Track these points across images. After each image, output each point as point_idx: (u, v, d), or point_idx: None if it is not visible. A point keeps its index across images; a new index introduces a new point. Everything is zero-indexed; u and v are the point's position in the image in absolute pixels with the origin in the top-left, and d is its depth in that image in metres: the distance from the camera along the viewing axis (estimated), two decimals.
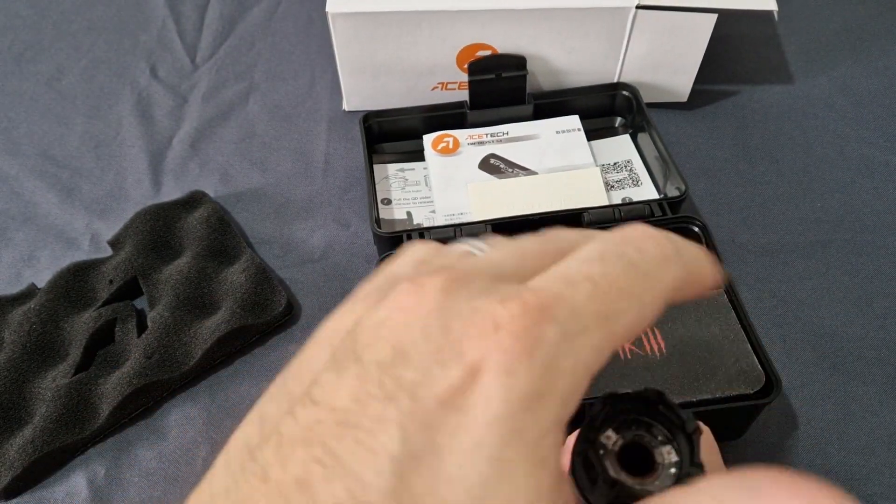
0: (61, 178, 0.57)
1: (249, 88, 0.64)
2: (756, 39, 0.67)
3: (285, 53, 0.68)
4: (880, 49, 0.66)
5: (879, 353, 0.45)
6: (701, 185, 0.55)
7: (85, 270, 0.49)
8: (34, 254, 0.53)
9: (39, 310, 0.46)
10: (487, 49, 0.56)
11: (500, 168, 0.54)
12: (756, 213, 0.53)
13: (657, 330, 0.41)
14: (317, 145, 0.59)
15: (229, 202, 0.55)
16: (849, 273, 0.49)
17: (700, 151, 0.58)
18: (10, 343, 0.45)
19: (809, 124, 0.60)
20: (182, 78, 0.66)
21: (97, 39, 0.70)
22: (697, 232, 0.47)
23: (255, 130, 0.61)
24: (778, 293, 0.48)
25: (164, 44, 0.69)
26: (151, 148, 0.60)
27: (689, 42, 0.56)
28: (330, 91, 0.64)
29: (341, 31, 0.54)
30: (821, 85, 0.63)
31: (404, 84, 0.58)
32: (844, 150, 0.58)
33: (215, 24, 0.71)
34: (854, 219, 0.53)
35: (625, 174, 0.54)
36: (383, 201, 0.53)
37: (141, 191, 0.56)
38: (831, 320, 0.47)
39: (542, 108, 0.57)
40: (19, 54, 0.68)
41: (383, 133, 0.57)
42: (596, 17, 0.54)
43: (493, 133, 0.56)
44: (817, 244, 0.51)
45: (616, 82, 0.58)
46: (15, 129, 0.62)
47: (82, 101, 0.64)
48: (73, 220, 0.55)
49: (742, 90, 0.63)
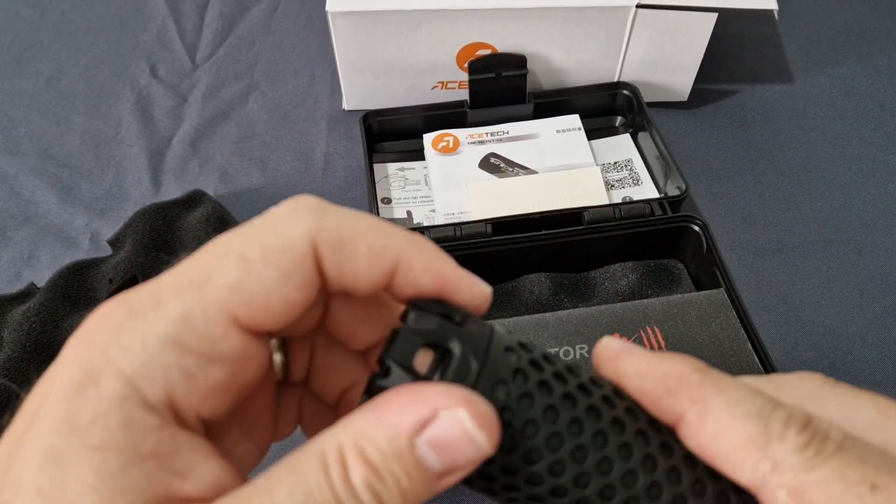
0: (61, 178, 0.57)
1: (249, 88, 0.64)
2: (756, 39, 0.67)
3: (285, 53, 0.68)
4: (880, 49, 0.66)
5: (879, 353, 0.45)
6: (701, 184, 0.55)
7: (85, 270, 0.49)
8: (34, 253, 0.53)
9: (39, 309, 0.46)
10: (487, 48, 0.55)
11: (500, 167, 0.54)
12: (756, 213, 0.53)
13: (657, 329, 0.41)
14: (317, 144, 0.59)
15: (229, 201, 0.55)
16: (849, 273, 0.49)
17: (700, 151, 0.58)
18: (9, 342, 0.45)
19: (810, 124, 0.60)
20: (182, 77, 0.66)
21: (97, 39, 0.70)
22: (698, 231, 0.47)
23: (254, 130, 0.61)
24: (778, 293, 0.48)
25: (164, 43, 0.69)
26: (151, 147, 0.60)
27: (690, 41, 0.56)
28: (330, 90, 0.63)
29: (341, 30, 0.54)
30: (821, 84, 0.63)
31: (404, 83, 0.58)
32: (845, 149, 0.58)
33: (215, 23, 0.71)
34: (854, 219, 0.53)
35: (625, 173, 0.54)
36: (383, 200, 0.53)
37: (141, 190, 0.56)
38: (831, 320, 0.47)
39: (543, 107, 0.57)
40: (19, 54, 0.68)
41: (383, 132, 0.57)
42: (596, 16, 0.54)
43: (494, 132, 0.56)
44: (817, 244, 0.51)
45: (616, 81, 0.58)
46: (15, 128, 0.62)
47: (82, 100, 0.64)
48: (73, 220, 0.54)
49: (742, 89, 0.63)
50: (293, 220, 0.16)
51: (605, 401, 0.17)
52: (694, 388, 0.17)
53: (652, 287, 0.47)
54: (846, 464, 0.15)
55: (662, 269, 0.49)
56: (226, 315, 0.15)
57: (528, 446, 0.16)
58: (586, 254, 0.48)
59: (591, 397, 0.17)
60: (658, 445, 0.17)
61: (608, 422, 0.17)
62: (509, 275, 0.48)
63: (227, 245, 0.16)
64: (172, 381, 0.15)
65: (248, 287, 0.15)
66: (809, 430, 0.16)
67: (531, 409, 0.16)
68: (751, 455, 0.16)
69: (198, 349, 0.15)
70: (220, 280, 0.16)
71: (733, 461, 0.16)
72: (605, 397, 0.17)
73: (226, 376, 0.16)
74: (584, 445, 0.16)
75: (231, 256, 0.16)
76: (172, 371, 0.15)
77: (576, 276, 0.49)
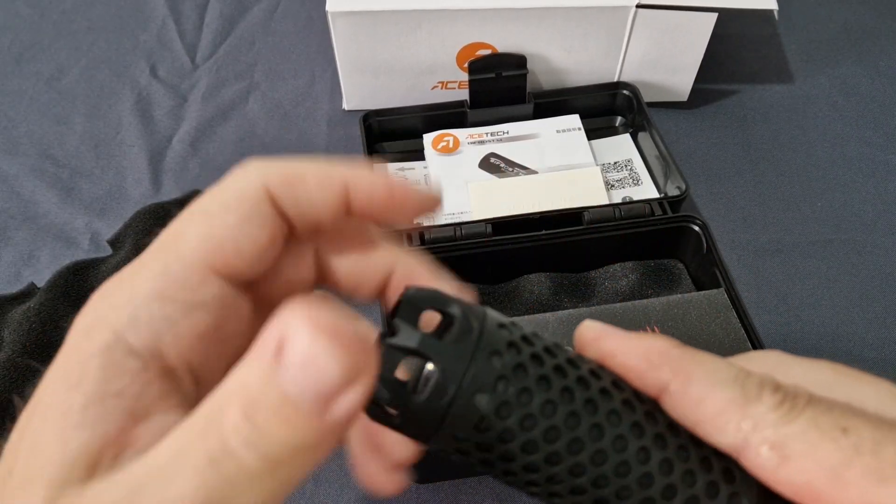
0: (61, 178, 0.57)
1: (249, 88, 0.64)
2: (756, 39, 0.67)
3: (285, 53, 0.68)
4: (880, 49, 0.66)
5: (879, 353, 0.45)
6: (701, 184, 0.55)
7: (84, 270, 0.49)
8: (34, 253, 0.53)
9: (39, 309, 0.46)
10: (487, 48, 0.55)
11: (500, 167, 0.54)
12: (756, 213, 0.53)
13: (657, 329, 0.41)
14: (317, 144, 0.59)
15: None
16: (849, 273, 0.49)
17: (700, 151, 0.58)
18: (9, 342, 0.45)
19: (810, 124, 0.60)
20: (182, 77, 0.66)
21: (97, 39, 0.70)
22: (698, 231, 0.47)
23: (255, 130, 0.61)
24: (778, 293, 0.48)
25: (164, 43, 0.69)
26: (151, 147, 0.60)
27: (690, 41, 0.56)
28: (330, 90, 0.63)
29: (341, 30, 0.54)
30: (821, 84, 0.63)
31: (404, 83, 0.58)
32: (845, 149, 0.58)
33: (215, 23, 0.71)
34: (854, 219, 0.53)
35: (625, 173, 0.54)
36: None
37: (141, 190, 0.56)
38: (831, 320, 0.47)
39: (543, 107, 0.57)
40: (19, 54, 0.68)
41: (383, 132, 0.57)
42: (596, 16, 0.54)
43: (494, 132, 0.56)
44: (817, 244, 0.51)
45: (616, 81, 0.58)
46: (14, 128, 0.62)
47: (82, 100, 0.64)
48: (73, 220, 0.54)
49: (742, 89, 0.63)
50: (243, 173, 0.18)
51: (593, 374, 0.18)
52: (675, 360, 0.18)
53: (652, 287, 0.47)
54: (818, 413, 0.17)
55: (662, 269, 0.49)
56: (201, 263, 0.17)
57: (523, 413, 0.17)
58: (586, 254, 0.48)
59: (580, 370, 0.18)
60: (644, 413, 0.18)
61: (597, 391, 0.18)
62: (509, 275, 0.48)
63: (190, 209, 0.18)
64: (157, 328, 0.16)
65: (215, 234, 0.17)
66: (781, 390, 0.17)
67: (525, 379, 0.17)
68: (733, 416, 0.17)
69: (179, 298, 0.16)
70: (190, 234, 0.17)
71: (716, 424, 0.17)
72: (592, 371, 0.18)
73: (208, 323, 0.17)
74: (577, 412, 0.17)
75: (195, 214, 0.18)
76: (156, 320, 0.16)
77: (576, 276, 0.49)
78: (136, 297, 0.16)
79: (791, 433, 0.16)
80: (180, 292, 0.16)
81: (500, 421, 0.17)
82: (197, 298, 0.17)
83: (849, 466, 0.16)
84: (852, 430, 0.16)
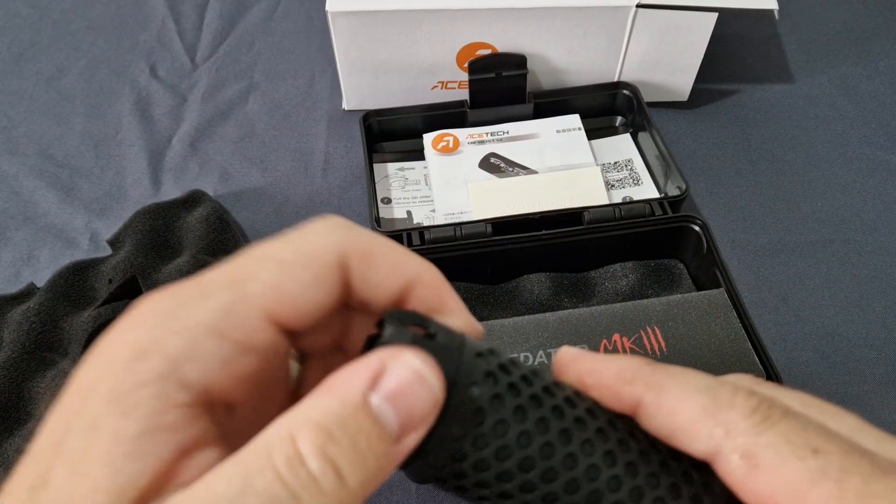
0: (61, 178, 0.57)
1: (249, 88, 0.64)
2: (756, 39, 0.67)
3: (285, 53, 0.68)
4: (881, 49, 0.66)
5: (879, 353, 0.45)
6: (701, 184, 0.55)
7: (84, 270, 0.49)
8: (33, 253, 0.53)
9: (39, 309, 0.46)
10: (487, 48, 0.55)
11: (500, 167, 0.54)
12: (756, 213, 0.53)
13: (657, 328, 0.41)
14: (317, 144, 0.59)
15: (229, 201, 0.55)
16: (849, 273, 0.49)
17: (700, 151, 0.58)
18: (9, 342, 0.45)
19: (810, 124, 0.60)
20: (182, 77, 0.66)
21: (97, 39, 0.70)
22: (698, 231, 0.47)
23: (254, 130, 0.61)
24: (778, 293, 0.48)
25: (163, 43, 0.69)
26: (151, 147, 0.60)
27: (690, 41, 0.56)
28: (330, 90, 0.63)
29: (341, 29, 0.54)
30: (821, 84, 0.63)
31: (404, 83, 0.58)
32: (845, 149, 0.58)
33: (215, 23, 0.71)
34: (854, 219, 0.53)
35: (625, 173, 0.54)
36: (383, 200, 0.53)
37: (140, 190, 0.56)
38: (831, 320, 0.47)
39: (543, 107, 0.57)
40: (19, 54, 0.68)
41: (383, 132, 0.57)
42: (596, 16, 0.54)
43: (494, 132, 0.56)
44: (818, 244, 0.51)
45: (616, 81, 0.58)
46: (14, 128, 0.62)
47: (82, 100, 0.64)
48: (73, 220, 0.54)
49: (743, 89, 0.63)
50: (325, 232, 0.18)
51: (568, 401, 0.19)
52: (648, 375, 0.19)
53: (652, 287, 0.47)
54: (791, 429, 0.17)
55: (662, 269, 0.48)
56: (263, 310, 0.17)
57: (499, 444, 0.17)
58: (586, 254, 0.48)
59: (555, 398, 0.18)
60: (617, 441, 0.18)
61: (572, 420, 0.18)
62: (509, 275, 0.48)
63: (266, 250, 0.18)
64: (210, 366, 0.16)
65: (285, 286, 0.17)
66: (756, 396, 0.17)
67: (502, 410, 0.17)
68: (705, 424, 0.17)
69: (236, 339, 0.16)
70: (261, 279, 0.17)
71: (689, 433, 0.18)
72: (567, 398, 0.19)
73: (255, 366, 0.17)
74: (552, 442, 0.18)
75: (270, 260, 0.18)
76: (211, 357, 0.16)
77: (576, 276, 0.48)
78: (194, 328, 0.16)
79: (762, 443, 0.17)
80: (237, 333, 0.16)
81: (476, 452, 0.17)
82: (251, 342, 0.17)
83: (812, 488, 0.16)
84: (822, 453, 0.16)
